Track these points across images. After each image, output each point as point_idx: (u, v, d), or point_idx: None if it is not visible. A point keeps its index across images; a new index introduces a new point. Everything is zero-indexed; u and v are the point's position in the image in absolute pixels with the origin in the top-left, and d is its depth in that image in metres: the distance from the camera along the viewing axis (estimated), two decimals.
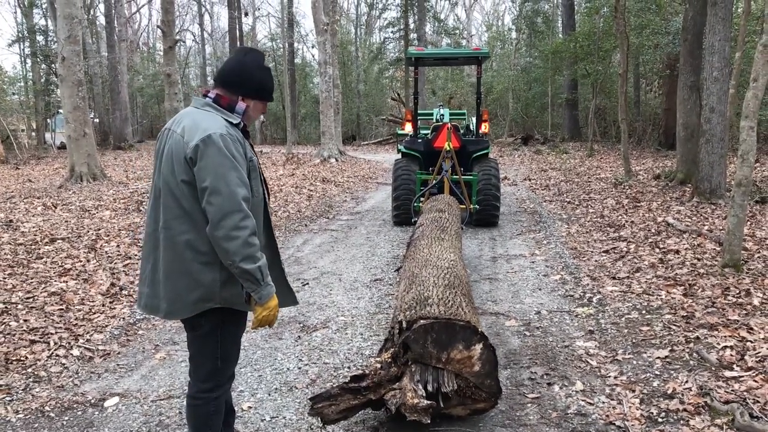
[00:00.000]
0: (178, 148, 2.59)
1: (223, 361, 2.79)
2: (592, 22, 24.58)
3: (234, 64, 2.75)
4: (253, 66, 2.75)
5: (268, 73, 2.81)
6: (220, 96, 2.74)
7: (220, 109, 2.71)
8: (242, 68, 2.73)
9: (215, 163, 2.50)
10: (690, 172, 12.04)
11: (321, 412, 3.17)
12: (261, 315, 2.66)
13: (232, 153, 2.54)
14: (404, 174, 9.63)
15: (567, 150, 23.71)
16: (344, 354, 4.65)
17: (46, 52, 32.19)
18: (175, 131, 2.65)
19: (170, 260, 2.62)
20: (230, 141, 2.56)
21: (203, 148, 2.51)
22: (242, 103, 2.75)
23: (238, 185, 2.51)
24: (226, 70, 2.76)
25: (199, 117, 2.65)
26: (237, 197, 2.49)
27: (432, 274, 4.29)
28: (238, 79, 2.73)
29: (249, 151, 2.69)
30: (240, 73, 2.73)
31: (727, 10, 10.27)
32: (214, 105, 2.72)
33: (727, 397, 3.65)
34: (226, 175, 2.50)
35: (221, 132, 2.56)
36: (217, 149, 2.51)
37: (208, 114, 2.67)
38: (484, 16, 60.05)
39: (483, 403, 3.51)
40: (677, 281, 6.10)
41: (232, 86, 2.73)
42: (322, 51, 21.83)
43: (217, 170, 2.49)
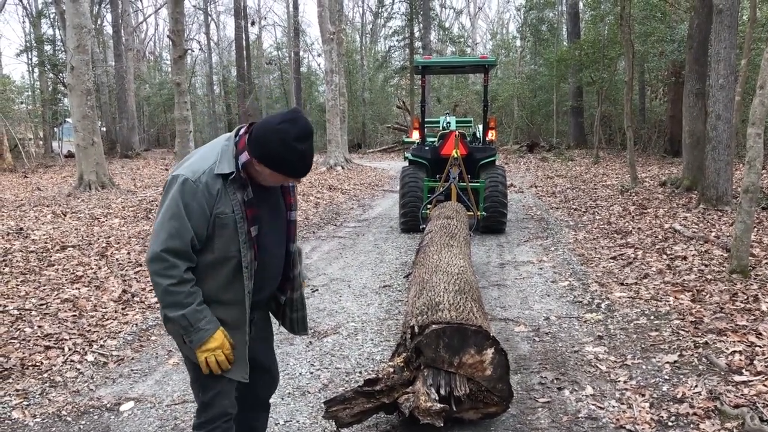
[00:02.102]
0: None
1: (203, 392, 2.60)
2: (597, 30, 24.65)
3: (266, 124, 2.40)
4: (279, 138, 2.35)
5: (290, 152, 2.37)
6: (241, 138, 2.49)
7: (231, 149, 2.47)
8: (268, 133, 2.37)
9: (165, 205, 2.40)
10: (696, 179, 12.07)
11: (335, 415, 3.22)
12: (202, 357, 2.46)
13: (185, 202, 2.36)
14: (412, 181, 9.69)
15: (573, 157, 23.75)
16: (355, 359, 4.69)
17: (53, 61, 32.45)
18: None
19: None
20: (191, 190, 2.37)
21: (167, 186, 2.44)
22: (245, 157, 2.44)
23: (170, 236, 2.36)
24: (258, 125, 2.44)
25: (200, 152, 2.53)
26: (160, 246, 2.35)
27: (442, 280, 4.33)
28: (254, 138, 2.41)
29: (229, 205, 2.42)
30: (260, 134, 2.39)
31: (733, 17, 10.32)
32: (233, 140, 2.51)
33: (736, 401, 3.68)
34: (165, 221, 2.37)
35: (188, 177, 2.38)
36: (173, 192, 2.38)
37: (210, 151, 2.50)
38: (489, 24, 60.23)
39: (495, 407, 3.55)
40: (685, 287, 6.13)
41: (250, 141, 2.42)
42: (328, 59, 21.95)
43: (163, 213, 2.39)
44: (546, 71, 30.72)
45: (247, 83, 31.85)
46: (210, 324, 2.44)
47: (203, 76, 47.04)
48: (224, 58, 47.06)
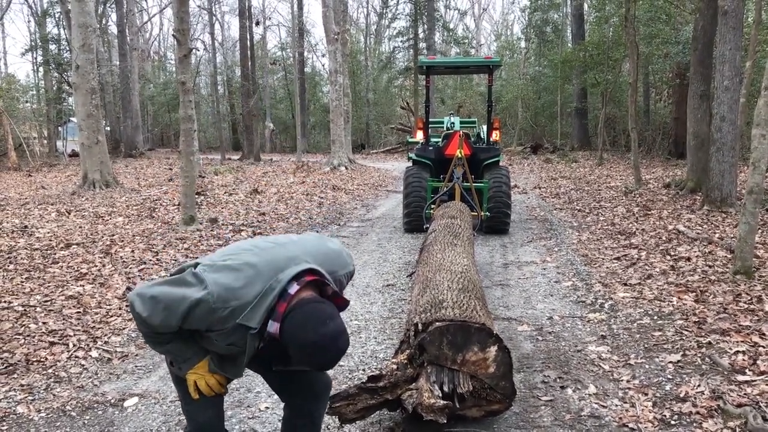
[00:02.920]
0: None
1: (186, 403, 2.52)
2: (601, 32, 24.65)
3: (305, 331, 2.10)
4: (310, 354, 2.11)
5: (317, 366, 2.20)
6: (287, 297, 2.18)
7: (271, 299, 2.17)
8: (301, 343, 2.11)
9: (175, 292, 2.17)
10: (700, 180, 12.06)
11: (339, 411, 3.22)
12: (190, 379, 2.40)
13: (189, 313, 2.15)
14: (415, 181, 9.70)
15: (576, 159, 23.74)
16: (359, 357, 4.70)
17: (58, 60, 32.54)
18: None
19: None
20: (206, 310, 2.14)
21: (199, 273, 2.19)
22: (275, 330, 2.17)
23: (157, 314, 2.18)
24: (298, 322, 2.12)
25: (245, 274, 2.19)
26: (145, 312, 2.19)
27: (446, 279, 4.34)
28: (288, 334, 2.13)
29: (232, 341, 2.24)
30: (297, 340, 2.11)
31: (738, 19, 10.31)
32: (276, 294, 2.18)
33: (739, 401, 3.68)
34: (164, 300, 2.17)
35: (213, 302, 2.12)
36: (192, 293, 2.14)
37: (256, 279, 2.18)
38: (493, 26, 60.28)
39: (498, 404, 3.55)
40: (689, 288, 6.13)
41: (284, 328, 2.14)
42: (333, 60, 21.98)
43: (169, 293, 2.17)
44: (550, 72, 30.73)
45: (251, 83, 31.89)
46: (197, 355, 2.38)
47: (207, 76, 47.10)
48: (228, 58, 47.16)
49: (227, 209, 12.11)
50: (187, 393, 2.46)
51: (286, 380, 2.66)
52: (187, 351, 2.37)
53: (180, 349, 2.36)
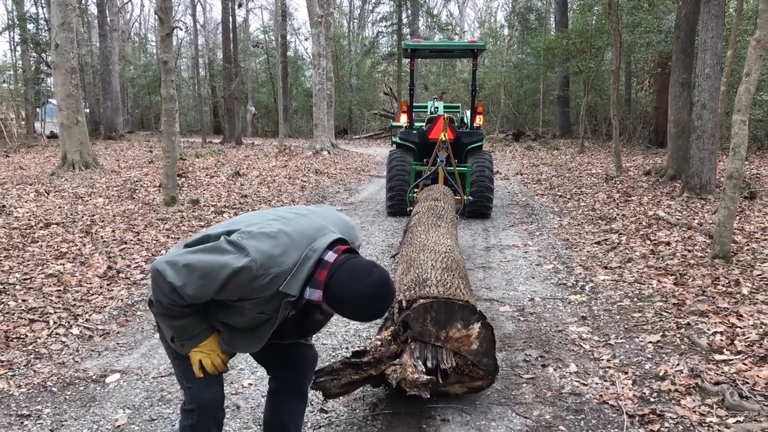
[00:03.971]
0: None
1: (186, 379, 2.44)
2: (584, 20, 24.71)
3: (353, 287, 2.16)
4: (361, 308, 2.18)
5: (367, 317, 2.23)
6: (326, 265, 2.21)
7: (308, 268, 2.19)
8: (351, 298, 2.16)
9: (214, 260, 2.13)
10: (680, 167, 12.18)
11: (323, 386, 3.23)
12: (195, 358, 2.35)
13: (230, 281, 2.12)
14: (399, 165, 9.69)
15: (558, 146, 23.85)
16: (342, 335, 4.71)
17: (36, 39, 31.97)
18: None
19: None
20: (248, 278, 2.12)
21: (236, 240, 2.16)
22: (317, 297, 2.21)
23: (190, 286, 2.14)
24: (343, 282, 2.17)
25: (284, 242, 2.18)
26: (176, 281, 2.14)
27: (430, 258, 4.35)
28: (334, 294, 2.18)
29: (266, 309, 2.23)
30: (346, 298, 2.17)
31: (720, 7, 10.39)
32: (314, 262, 2.20)
33: (717, 379, 3.75)
34: (202, 270, 2.13)
35: (255, 270, 2.11)
36: (232, 262, 2.11)
37: (293, 247, 2.19)
38: (477, 13, 60.26)
39: (480, 381, 3.59)
40: (668, 271, 6.21)
41: (329, 291, 2.18)
42: (316, 43, 21.84)
43: (206, 261, 2.13)
44: (533, 60, 30.81)
45: (233, 66, 31.59)
46: (206, 331, 2.33)
47: (189, 59, 46.63)
48: (210, 40, 46.69)
49: (209, 191, 12.03)
50: (188, 371, 2.40)
51: (279, 354, 2.63)
52: (197, 327, 2.31)
53: (192, 325, 2.30)
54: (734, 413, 3.38)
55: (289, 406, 2.76)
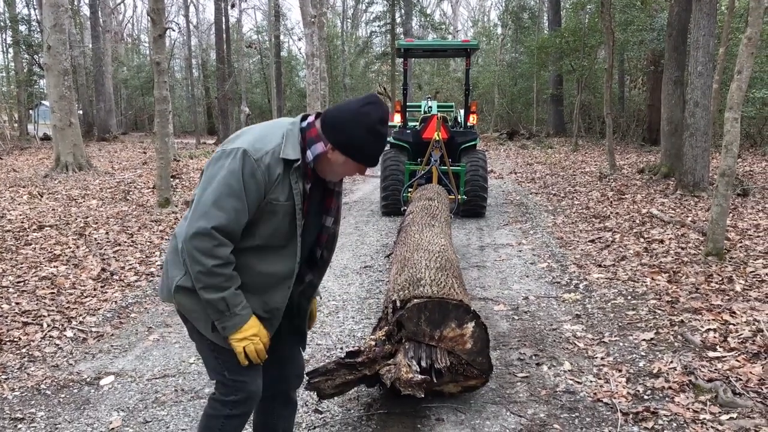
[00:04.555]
0: None
1: (229, 371, 2.37)
2: (577, 18, 24.75)
3: (345, 108, 2.25)
4: (363, 121, 2.22)
5: (374, 137, 2.25)
6: (312, 125, 2.30)
7: (296, 135, 2.27)
8: (350, 117, 2.23)
9: (220, 178, 2.14)
10: (674, 165, 12.21)
11: (317, 386, 3.23)
12: (240, 346, 2.27)
13: (246, 179, 2.14)
14: (393, 164, 9.70)
15: (552, 145, 23.89)
16: (336, 336, 4.71)
17: (29, 41, 31.83)
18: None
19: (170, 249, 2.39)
20: (252, 168, 2.15)
21: (219, 157, 2.19)
22: (321, 148, 2.27)
23: (226, 214, 2.14)
24: (334, 111, 2.27)
25: (257, 131, 2.28)
26: (214, 222, 2.12)
27: (424, 258, 4.35)
28: (335, 123, 2.25)
29: (285, 193, 2.23)
30: (345, 120, 2.23)
31: (712, 5, 10.42)
32: (299, 127, 2.30)
33: (710, 376, 3.76)
34: (221, 196, 2.13)
35: (249, 152, 2.16)
36: (231, 165, 2.15)
37: (270, 132, 2.26)
38: (470, 12, 60.30)
39: (474, 380, 3.59)
40: (662, 269, 6.23)
41: (327, 127, 2.26)
42: (310, 43, 21.79)
43: (218, 187, 2.14)
44: (526, 59, 30.84)
45: (227, 67, 31.53)
46: (246, 309, 2.26)
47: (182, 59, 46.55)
48: (203, 41, 46.56)
49: None
50: (232, 363, 2.33)
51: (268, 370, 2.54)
52: (239, 299, 2.23)
53: (234, 296, 2.21)
54: (728, 410, 3.39)
55: (278, 412, 2.76)
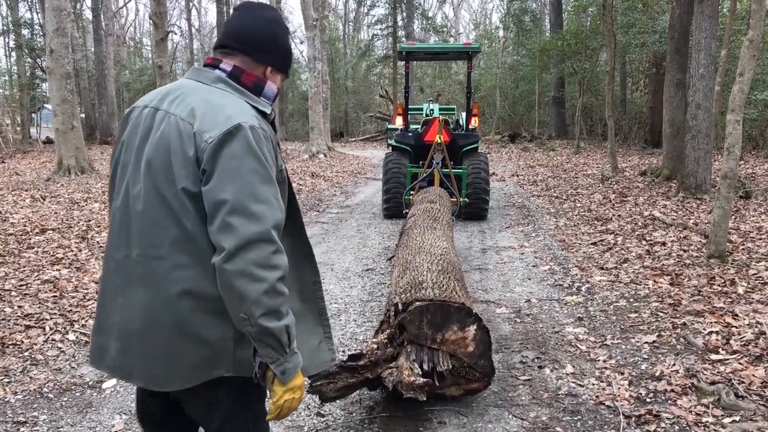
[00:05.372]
0: (181, 139, 1.75)
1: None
2: (579, 21, 24.77)
3: (258, 22, 1.92)
4: (281, 28, 1.96)
5: (289, 39, 2.01)
6: (241, 70, 1.89)
7: (243, 90, 1.88)
8: (270, 28, 1.93)
9: (244, 167, 1.70)
10: (676, 168, 12.21)
11: (319, 389, 3.23)
12: (282, 400, 1.80)
13: (266, 157, 1.75)
14: (395, 167, 9.71)
15: (554, 147, 23.88)
16: (338, 339, 4.71)
17: (31, 45, 31.91)
18: (173, 113, 1.80)
19: (158, 304, 1.76)
20: (263, 140, 1.76)
21: (228, 144, 1.70)
22: (273, 84, 1.95)
23: (273, 205, 1.72)
24: (249, 30, 1.90)
25: (216, 98, 1.81)
26: (269, 222, 1.68)
27: (426, 261, 4.36)
28: (266, 42, 1.91)
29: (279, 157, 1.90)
30: (269, 34, 1.92)
31: (714, 7, 10.43)
32: (232, 83, 1.88)
33: (713, 379, 3.76)
34: (257, 187, 1.69)
35: (253, 124, 1.75)
36: (247, 148, 1.71)
37: (226, 95, 1.84)
38: (472, 14, 60.34)
39: (477, 383, 3.59)
40: (664, 271, 6.22)
41: (258, 52, 1.90)
42: (311, 46, 21.84)
43: (246, 178, 1.69)
44: (528, 62, 30.82)
45: None
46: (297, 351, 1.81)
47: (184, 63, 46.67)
48: (206, 44, 46.70)
49: None
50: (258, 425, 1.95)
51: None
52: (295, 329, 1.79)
53: (293, 325, 1.77)
54: (730, 413, 3.38)
55: None
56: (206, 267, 1.72)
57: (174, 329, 1.75)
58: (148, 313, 1.76)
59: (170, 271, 1.74)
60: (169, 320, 1.75)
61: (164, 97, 1.88)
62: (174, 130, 1.77)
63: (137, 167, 1.82)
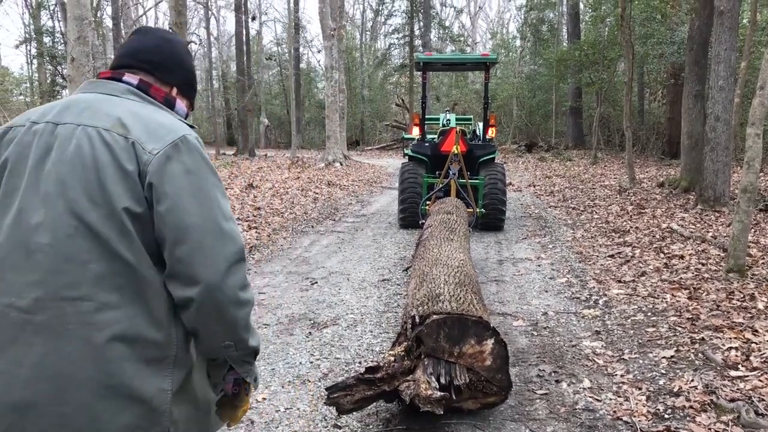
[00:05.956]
0: (111, 152, 1.51)
1: None
2: (597, 31, 24.72)
3: (160, 42, 1.79)
4: (184, 49, 1.84)
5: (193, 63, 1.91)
6: (148, 84, 1.71)
7: (156, 103, 1.70)
8: (172, 49, 1.80)
9: (205, 183, 1.55)
10: (694, 180, 12.12)
11: (336, 401, 3.25)
12: (247, 405, 1.87)
13: (215, 170, 1.62)
14: (411, 177, 9.72)
15: (571, 157, 23.81)
16: (355, 350, 4.72)
17: (52, 53, 32.32)
18: (90, 125, 1.55)
19: (74, 358, 1.44)
20: (197, 141, 1.62)
21: (178, 158, 1.53)
22: (182, 103, 1.79)
23: (233, 220, 1.59)
24: (151, 48, 1.76)
25: (139, 108, 1.62)
26: (240, 238, 1.57)
27: (443, 273, 4.37)
28: (169, 61, 1.77)
29: None
30: (171, 54, 1.79)
31: (734, 19, 10.37)
32: (143, 95, 1.68)
33: (732, 396, 3.72)
34: (222, 202, 1.57)
35: (196, 135, 1.63)
36: (202, 161, 1.57)
37: (146, 106, 1.66)
38: (489, 24, 60.32)
39: (494, 397, 3.58)
40: (682, 285, 6.18)
41: (161, 71, 1.75)
42: (329, 56, 21.96)
43: (209, 195, 1.54)
44: (545, 71, 30.79)
45: (247, 78, 31.82)
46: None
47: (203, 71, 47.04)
48: (224, 53, 47.03)
49: None
50: None
51: None
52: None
53: None
54: (750, 431, 3.35)
55: None
56: (145, 304, 1.49)
57: (98, 387, 1.43)
58: (58, 372, 1.42)
59: (93, 313, 1.44)
60: (92, 376, 1.43)
61: (64, 110, 1.60)
62: (98, 143, 1.51)
63: (35, 192, 1.50)
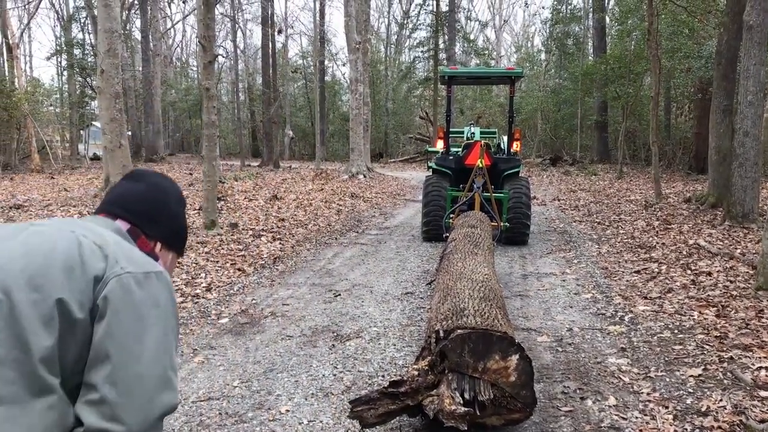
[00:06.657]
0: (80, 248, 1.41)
1: None
2: (623, 45, 24.59)
3: (151, 189, 1.71)
4: (174, 198, 1.75)
5: (185, 213, 1.82)
6: (136, 234, 1.64)
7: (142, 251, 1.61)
8: (162, 198, 1.72)
9: (167, 322, 1.45)
10: (722, 195, 11.97)
11: (360, 415, 3.24)
12: None
13: (175, 311, 1.51)
14: (435, 190, 9.72)
15: (596, 171, 23.65)
16: (378, 363, 4.71)
17: (82, 64, 32.95)
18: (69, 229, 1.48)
19: None
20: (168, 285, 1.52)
21: (150, 287, 1.44)
22: (163, 258, 1.71)
23: (177, 372, 1.49)
24: (139, 197, 1.68)
25: (127, 244, 1.55)
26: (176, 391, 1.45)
27: (467, 287, 4.35)
28: (155, 211, 1.69)
29: None
30: (158, 203, 1.70)
31: (763, 34, 10.25)
32: (131, 240, 1.61)
33: (762, 416, 3.66)
34: (173, 351, 1.47)
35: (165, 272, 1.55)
36: (170, 300, 1.49)
37: (134, 246, 1.58)
38: (514, 37, 60.29)
39: (518, 413, 3.55)
40: (710, 302, 6.09)
41: (147, 223, 1.67)
42: (354, 69, 22.10)
43: (168, 336, 1.45)
44: (571, 85, 30.68)
45: (272, 91, 32.11)
46: None
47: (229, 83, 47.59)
48: (250, 65, 47.52)
49: (247, 214, 12.19)
50: None
51: None
52: None
53: None
54: None
55: None
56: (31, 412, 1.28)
57: None
58: None
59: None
60: None
61: (31, 225, 1.51)
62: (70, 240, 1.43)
63: None
